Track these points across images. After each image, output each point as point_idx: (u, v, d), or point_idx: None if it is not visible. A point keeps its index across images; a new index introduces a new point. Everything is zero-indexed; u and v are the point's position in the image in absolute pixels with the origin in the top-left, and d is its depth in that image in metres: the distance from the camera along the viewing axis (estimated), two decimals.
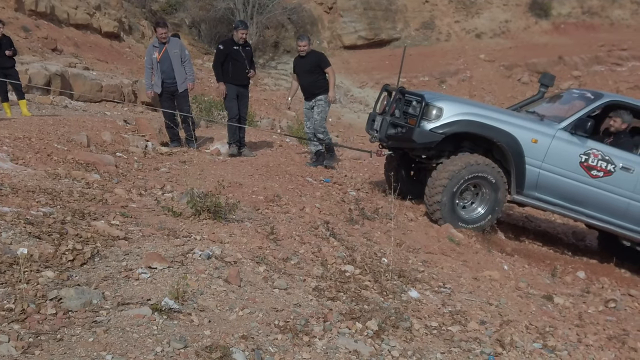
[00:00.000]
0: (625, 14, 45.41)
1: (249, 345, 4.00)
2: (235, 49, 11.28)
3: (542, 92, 10.48)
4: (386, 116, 9.37)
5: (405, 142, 9.13)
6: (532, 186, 8.94)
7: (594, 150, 8.84)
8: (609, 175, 8.87)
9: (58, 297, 4.02)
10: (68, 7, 24.63)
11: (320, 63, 11.22)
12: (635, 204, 9.00)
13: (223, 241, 5.72)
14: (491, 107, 9.97)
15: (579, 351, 5.43)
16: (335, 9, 40.72)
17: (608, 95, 9.44)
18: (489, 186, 8.79)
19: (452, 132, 8.72)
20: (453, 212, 8.73)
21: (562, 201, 9.05)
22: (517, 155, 8.74)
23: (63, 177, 7.19)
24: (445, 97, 9.92)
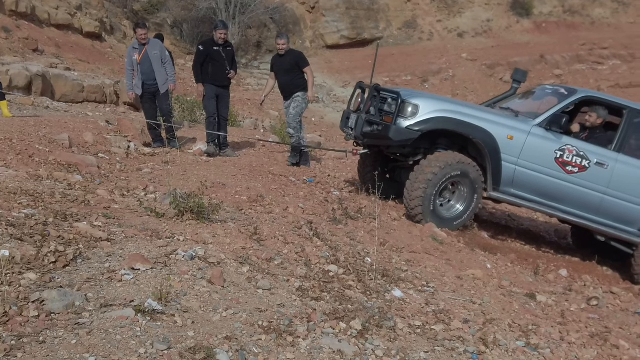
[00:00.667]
0: (605, 12, 45.74)
1: (232, 346, 4.00)
2: (215, 49, 11.20)
3: (514, 88, 10.49)
4: (361, 114, 9.31)
5: (381, 139, 9.09)
6: (508, 183, 8.95)
7: (569, 146, 8.88)
8: (583, 170, 8.92)
9: (40, 299, 4.00)
10: (49, 8, 24.50)
11: (299, 62, 11.20)
12: (609, 199, 9.05)
13: (206, 242, 5.71)
14: (467, 104, 9.97)
15: (561, 349, 5.46)
16: (318, 8, 40.75)
17: (582, 91, 9.49)
18: (468, 183, 8.79)
19: (429, 130, 8.70)
20: (434, 210, 8.72)
21: (538, 197, 9.08)
22: (493, 152, 8.75)
23: (45, 179, 7.15)
24: (421, 94, 10.00)
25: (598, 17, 45.55)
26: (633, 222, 9.23)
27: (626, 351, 5.92)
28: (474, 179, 8.75)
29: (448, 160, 8.61)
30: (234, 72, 11.40)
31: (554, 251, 10.13)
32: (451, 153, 8.77)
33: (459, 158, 8.70)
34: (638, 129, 9.28)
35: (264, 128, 19.67)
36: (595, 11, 45.71)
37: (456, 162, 8.63)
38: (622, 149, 9.07)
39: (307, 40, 40.33)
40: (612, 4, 46.21)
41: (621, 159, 9.02)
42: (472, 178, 8.74)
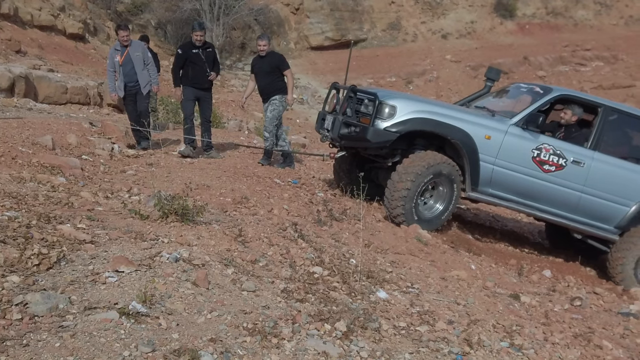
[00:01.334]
0: (588, 14, 46.05)
1: (217, 348, 3.99)
2: (194, 52, 11.10)
3: (488, 86, 10.48)
4: (338, 115, 9.25)
5: (359, 141, 9.04)
6: (486, 182, 8.95)
7: (546, 145, 8.91)
8: (560, 169, 8.95)
9: (24, 302, 3.98)
10: (32, 9, 24.33)
11: (280, 65, 11.12)
12: (586, 197, 9.10)
13: (191, 244, 5.69)
14: (444, 104, 9.96)
15: (545, 349, 5.48)
16: (302, 10, 40.77)
17: (557, 90, 9.51)
18: (447, 183, 8.78)
19: (407, 131, 8.67)
20: (415, 211, 8.70)
21: (516, 196, 9.10)
22: (471, 152, 8.75)
23: (28, 181, 7.12)
24: (398, 94, 9.89)
25: (581, 18, 45.84)
26: (609, 219, 9.30)
27: (609, 351, 5.95)
28: (453, 179, 8.75)
29: (430, 161, 8.59)
30: (214, 74, 11.29)
31: (537, 252, 10.17)
32: (432, 153, 8.74)
33: (440, 158, 8.69)
34: (613, 127, 9.36)
35: (249, 130, 19.65)
36: (578, 13, 46.01)
37: (438, 163, 8.62)
38: (598, 146, 9.12)
39: (292, 42, 40.33)
40: (595, 5, 46.53)
41: (597, 157, 9.07)
42: (452, 178, 8.74)
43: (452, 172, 8.73)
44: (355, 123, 8.93)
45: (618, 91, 34.11)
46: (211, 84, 11.46)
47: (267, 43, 11.18)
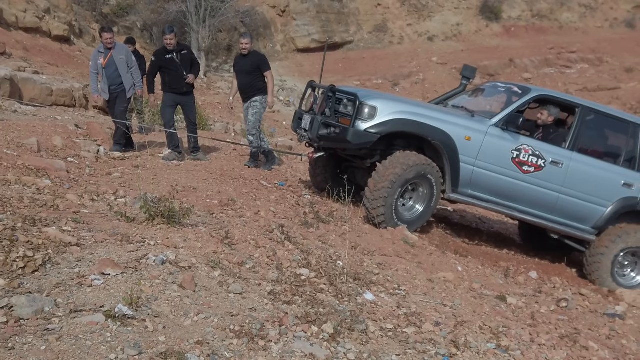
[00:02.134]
0: (573, 17, 46.30)
1: (204, 351, 3.98)
2: (167, 57, 10.85)
3: (464, 84, 10.46)
4: (316, 115, 9.15)
5: (339, 143, 8.95)
6: (466, 184, 8.93)
7: (525, 145, 8.90)
8: (539, 170, 8.95)
9: (9, 305, 3.96)
10: (17, 11, 24.21)
11: (261, 65, 11.04)
12: (564, 198, 9.13)
13: (177, 246, 5.68)
14: (424, 105, 9.87)
15: (532, 350, 5.50)
16: (288, 12, 40.77)
17: (536, 90, 9.52)
18: (427, 184, 8.73)
19: (388, 132, 8.60)
20: (396, 212, 8.64)
21: (495, 198, 9.09)
22: (452, 153, 8.71)
23: (13, 183, 7.08)
24: (378, 94, 9.84)
25: (566, 21, 46.08)
26: (587, 219, 9.34)
27: (595, 352, 5.98)
28: (433, 181, 8.70)
29: (411, 162, 8.53)
30: (192, 76, 11.00)
31: (524, 253, 10.20)
32: (413, 154, 8.67)
33: (421, 159, 8.63)
34: (590, 127, 9.41)
35: (235, 132, 19.61)
36: (563, 15, 46.24)
37: (419, 164, 8.56)
38: (576, 147, 9.15)
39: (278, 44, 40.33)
40: (580, 8, 46.79)
41: (575, 157, 9.10)
42: (432, 179, 8.69)
43: (432, 173, 8.67)
44: (334, 124, 8.84)
45: (603, 93, 34.29)
46: (192, 87, 11.25)
47: (249, 41, 11.11)
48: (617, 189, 9.28)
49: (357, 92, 8.91)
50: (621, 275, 9.48)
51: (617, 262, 9.34)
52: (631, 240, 9.29)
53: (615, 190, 9.28)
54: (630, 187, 9.28)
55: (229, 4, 36.39)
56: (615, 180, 9.27)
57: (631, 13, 46.69)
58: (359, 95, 8.73)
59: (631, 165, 9.41)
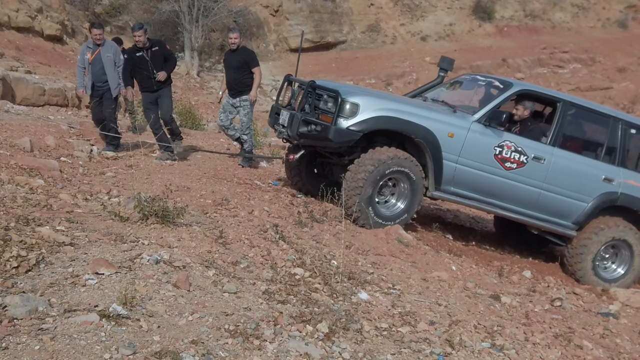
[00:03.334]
0: (566, 16, 46.43)
1: (199, 350, 3.98)
2: (138, 55, 10.52)
3: (441, 76, 10.33)
4: (296, 112, 8.88)
5: (320, 140, 8.69)
6: (448, 181, 8.80)
7: (507, 142, 8.80)
8: (521, 166, 8.86)
9: (3, 304, 3.95)
10: (9, 10, 24.15)
11: (249, 61, 10.95)
12: (546, 194, 9.06)
13: (171, 246, 5.67)
14: (406, 100, 9.55)
15: (526, 349, 5.52)
16: (281, 12, 40.76)
17: (518, 84, 9.44)
18: (408, 181, 8.57)
19: (371, 130, 8.44)
20: (373, 209, 8.46)
21: (478, 195, 8.98)
22: (435, 150, 8.57)
23: (6, 183, 7.05)
24: (360, 91, 9.60)
25: (559, 21, 46.21)
26: (568, 215, 9.28)
27: (589, 351, 6.00)
28: (414, 175, 8.55)
29: (383, 157, 8.36)
30: (162, 73, 10.51)
31: (517, 253, 10.20)
32: (389, 149, 8.50)
33: (396, 153, 8.46)
34: (572, 122, 9.37)
35: None
36: (556, 15, 46.36)
37: (393, 158, 8.38)
38: (557, 142, 9.08)
39: (271, 44, 40.30)
40: (572, 8, 46.93)
41: (556, 153, 9.03)
42: (412, 174, 8.54)
43: (411, 168, 8.51)
44: (315, 121, 8.59)
45: (596, 93, 34.37)
46: (165, 83, 10.77)
47: (238, 36, 11.00)
48: (597, 184, 9.23)
49: (339, 89, 8.74)
50: (602, 269, 9.48)
51: (598, 256, 9.33)
52: (611, 233, 9.27)
53: (596, 186, 9.23)
54: (611, 182, 9.25)
55: (222, 4, 36.34)
56: (596, 176, 9.22)
57: (623, 13, 46.88)
58: (340, 91, 8.54)
59: (611, 159, 9.37)
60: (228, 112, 11.17)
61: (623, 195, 9.31)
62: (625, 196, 9.32)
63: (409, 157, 8.53)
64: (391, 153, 8.42)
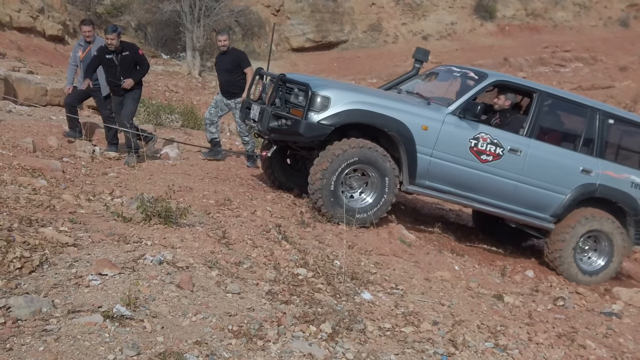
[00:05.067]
0: (567, 15, 46.38)
1: (203, 351, 3.98)
2: (108, 57, 9.94)
3: (416, 68, 10.11)
4: (266, 106, 8.67)
5: (291, 135, 8.48)
6: (423, 175, 8.63)
7: (483, 134, 8.66)
8: (497, 158, 8.72)
9: (6, 305, 3.95)
10: (10, 10, 24.14)
11: (241, 62, 10.88)
12: (523, 186, 8.93)
13: (174, 246, 5.67)
14: (378, 93, 9.38)
15: (529, 349, 5.52)
16: (283, 11, 40.74)
17: (493, 75, 9.27)
18: (376, 172, 8.35)
19: (343, 124, 8.23)
20: (336, 200, 8.27)
21: (454, 188, 8.82)
22: (408, 144, 8.39)
23: (9, 183, 7.06)
24: (332, 83, 9.31)
25: (560, 20, 46.16)
26: (546, 208, 9.16)
27: (593, 351, 5.99)
28: (383, 168, 8.33)
29: (344, 147, 8.18)
30: (128, 81, 9.90)
31: (520, 253, 10.20)
32: (354, 139, 8.26)
33: (360, 144, 8.23)
34: (548, 112, 9.27)
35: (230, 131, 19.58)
36: (558, 14, 46.31)
37: (355, 148, 8.18)
38: (534, 133, 8.96)
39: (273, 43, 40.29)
40: (574, 7, 46.87)
41: (533, 145, 8.90)
42: (381, 166, 8.32)
43: (378, 159, 8.29)
44: (286, 115, 8.38)
45: (597, 92, 34.30)
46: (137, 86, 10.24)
47: (227, 38, 10.95)
48: (575, 176, 9.12)
49: (309, 82, 8.50)
50: (582, 261, 9.41)
51: (577, 247, 9.26)
52: (590, 225, 9.20)
53: (574, 177, 9.12)
54: (589, 173, 9.13)
55: (223, 4, 36.32)
56: (573, 167, 9.10)
57: (625, 12, 46.79)
58: (310, 85, 8.31)
59: (590, 150, 9.25)
60: (219, 108, 11.11)
61: (601, 187, 9.20)
62: (603, 187, 9.21)
63: (374, 146, 8.31)
64: (354, 143, 8.21)
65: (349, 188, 8.49)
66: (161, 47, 37.09)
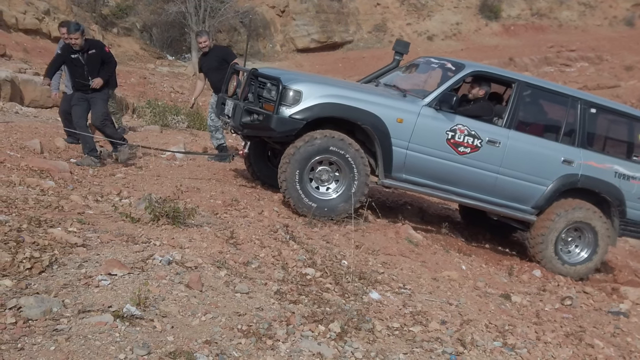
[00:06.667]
0: (573, 15, 46.39)
1: (212, 350, 4.00)
2: (73, 57, 9.44)
3: (397, 60, 9.99)
4: (239, 101, 8.51)
5: (262, 130, 8.36)
6: (399, 168, 8.50)
7: (460, 125, 8.53)
8: (476, 150, 8.59)
9: (17, 305, 3.97)
10: (16, 12, 24.26)
11: (227, 57, 10.70)
12: (503, 178, 8.79)
13: (183, 246, 5.69)
14: (353, 86, 9.28)
15: (538, 348, 5.52)
16: (288, 12, 40.85)
17: (470, 65, 9.12)
18: (345, 164, 8.17)
19: (315, 118, 8.08)
20: (305, 194, 8.10)
21: (431, 181, 8.70)
22: (383, 137, 8.28)
23: (17, 184, 7.08)
24: (304, 77, 9.18)
25: (565, 19, 46.17)
26: (527, 199, 9.04)
27: (601, 350, 6.00)
28: (349, 158, 8.12)
29: (308, 137, 8.02)
30: (97, 80, 9.43)
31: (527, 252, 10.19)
32: (322, 131, 8.11)
33: (326, 134, 8.08)
34: (528, 103, 9.17)
35: None
36: (563, 14, 46.33)
37: (321, 139, 8.04)
38: (513, 124, 8.84)
39: (278, 44, 40.38)
40: (579, 6, 46.88)
41: (512, 136, 8.78)
42: (349, 157, 8.12)
43: (346, 149, 8.09)
44: (257, 110, 8.24)
45: (603, 91, 34.24)
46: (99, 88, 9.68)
47: (207, 39, 10.86)
48: (556, 167, 8.97)
49: (280, 75, 8.36)
50: (566, 252, 9.31)
51: (560, 239, 9.16)
52: (572, 216, 9.09)
53: (555, 168, 8.97)
54: (571, 164, 8.99)
55: (228, 5, 36.42)
56: (554, 158, 8.95)
57: (630, 11, 46.80)
58: (282, 79, 8.17)
59: (571, 141, 9.11)
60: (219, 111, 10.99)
61: (584, 177, 9.05)
62: (586, 178, 9.07)
63: (345, 139, 8.15)
64: (319, 134, 8.07)
65: (320, 182, 8.32)
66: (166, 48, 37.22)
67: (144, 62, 32.70)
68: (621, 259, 11.44)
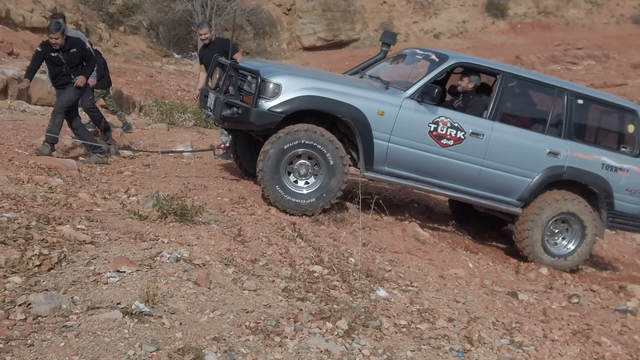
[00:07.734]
0: (579, 13, 46.26)
1: (221, 347, 4.02)
2: (53, 55, 9.36)
3: (384, 51, 9.87)
4: (219, 94, 8.43)
5: (242, 124, 8.30)
6: (381, 161, 8.41)
7: (443, 118, 8.43)
8: (459, 143, 8.50)
9: (27, 302, 4.00)
10: (23, 11, 24.31)
11: (227, 49, 10.31)
12: (487, 170, 8.70)
13: (190, 244, 5.71)
14: (334, 78, 9.18)
15: (545, 346, 5.53)
16: (294, 10, 40.84)
17: (454, 57, 9.06)
18: (321, 156, 8.00)
19: (294, 111, 7.97)
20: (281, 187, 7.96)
21: (414, 174, 8.59)
22: (364, 130, 8.19)
23: (26, 182, 7.10)
24: (284, 69, 9.12)
25: (572, 17, 46.05)
26: (512, 192, 8.94)
27: (608, 347, 6.00)
28: (326, 151, 8.00)
29: (284, 131, 7.91)
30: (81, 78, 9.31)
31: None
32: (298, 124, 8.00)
33: (302, 127, 7.97)
34: (513, 94, 9.09)
35: None
36: (570, 12, 46.21)
37: (297, 132, 7.92)
38: (497, 116, 8.75)
39: (284, 42, 40.39)
40: (586, 4, 46.75)
41: (496, 127, 8.68)
42: (323, 149, 8.00)
43: (319, 141, 7.96)
44: (237, 104, 8.15)
45: (610, 90, 34.10)
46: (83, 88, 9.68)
47: (207, 31, 10.76)
48: (542, 159, 8.88)
49: (259, 68, 8.25)
50: (552, 245, 9.22)
51: (547, 231, 9.08)
52: (558, 208, 9.01)
53: (541, 160, 8.87)
54: (557, 156, 8.89)
55: (235, 3, 36.43)
56: (540, 149, 8.86)
57: (637, 9, 46.62)
58: (260, 71, 8.07)
59: (557, 132, 9.03)
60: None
61: (570, 169, 8.95)
62: (572, 170, 8.97)
63: (321, 131, 8.03)
64: (295, 128, 7.98)
65: (299, 175, 8.19)
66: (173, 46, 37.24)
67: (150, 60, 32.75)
68: (628, 257, 11.44)
